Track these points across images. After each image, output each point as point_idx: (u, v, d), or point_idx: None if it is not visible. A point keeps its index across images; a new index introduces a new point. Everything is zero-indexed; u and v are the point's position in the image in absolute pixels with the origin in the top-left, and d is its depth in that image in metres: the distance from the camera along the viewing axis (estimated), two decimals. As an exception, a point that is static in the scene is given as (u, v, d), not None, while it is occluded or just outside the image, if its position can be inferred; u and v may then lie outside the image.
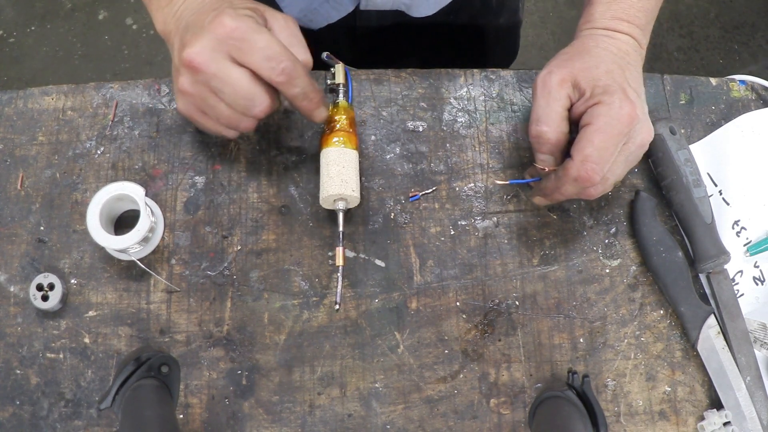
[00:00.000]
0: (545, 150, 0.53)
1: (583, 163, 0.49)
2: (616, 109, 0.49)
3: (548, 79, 0.52)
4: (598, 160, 0.49)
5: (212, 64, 0.46)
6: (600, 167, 0.49)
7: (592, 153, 0.49)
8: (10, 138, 0.59)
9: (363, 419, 0.55)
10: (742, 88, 0.64)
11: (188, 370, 0.55)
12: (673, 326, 0.58)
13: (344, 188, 0.54)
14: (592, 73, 0.51)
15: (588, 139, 0.49)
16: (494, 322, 0.57)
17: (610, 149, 0.49)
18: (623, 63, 0.52)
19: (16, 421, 0.53)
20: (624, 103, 0.49)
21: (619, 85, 0.50)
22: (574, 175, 0.50)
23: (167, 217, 0.58)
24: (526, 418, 0.54)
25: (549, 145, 0.52)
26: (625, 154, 0.51)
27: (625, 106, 0.49)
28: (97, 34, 1.71)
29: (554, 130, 0.52)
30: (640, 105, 0.50)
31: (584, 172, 0.49)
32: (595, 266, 0.59)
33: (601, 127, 0.49)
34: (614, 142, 0.49)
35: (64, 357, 0.54)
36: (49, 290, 0.54)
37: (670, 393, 0.56)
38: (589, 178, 0.49)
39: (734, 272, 0.59)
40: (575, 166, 0.50)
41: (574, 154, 0.50)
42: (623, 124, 0.49)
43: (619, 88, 0.50)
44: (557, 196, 0.53)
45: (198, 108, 0.50)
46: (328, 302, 0.56)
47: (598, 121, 0.49)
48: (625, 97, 0.49)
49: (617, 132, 0.49)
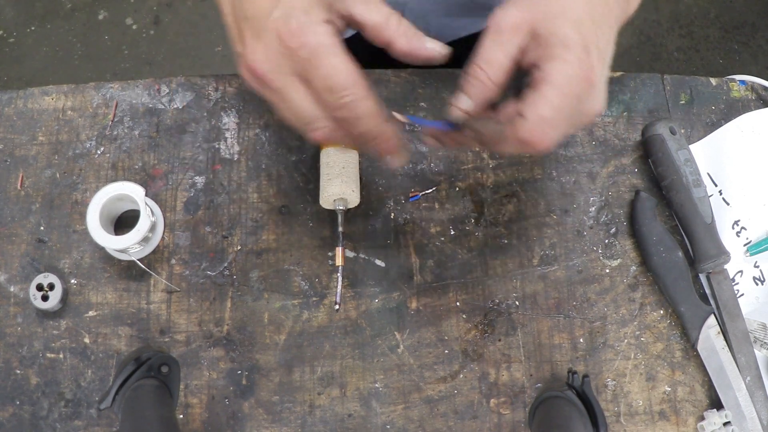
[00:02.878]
0: (472, 93, 0.44)
1: (538, 126, 0.41)
2: (574, 67, 0.41)
3: (503, 20, 0.43)
4: (555, 124, 0.42)
5: (275, 78, 0.42)
6: (555, 132, 0.42)
7: (550, 114, 0.41)
8: (10, 138, 0.59)
9: (363, 419, 0.55)
10: (742, 88, 0.64)
11: (188, 370, 0.55)
12: (673, 326, 0.58)
13: (344, 188, 0.54)
14: (556, 22, 0.42)
15: (545, 97, 0.41)
16: (494, 322, 0.57)
17: (565, 111, 0.42)
18: (599, 15, 0.44)
19: (16, 421, 0.53)
20: (583, 64, 0.41)
21: (583, 42, 0.42)
22: (525, 137, 0.42)
23: (167, 217, 0.58)
24: (526, 418, 0.54)
25: (478, 89, 0.44)
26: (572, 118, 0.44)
27: (584, 67, 0.41)
28: (97, 34, 1.71)
29: (491, 78, 0.43)
30: (600, 71, 0.43)
31: (537, 135, 0.41)
32: (595, 266, 0.59)
33: (558, 86, 0.41)
34: (570, 104, 0.42)
35: (64, 357, 0.54)
36: (49, 290, 0.54)
37: (670, 393, 0.56)
38: (541, 143, 0.42)
39: (734, 272, 0.59)
40: (528, 128, 0.41)
41: (528, 113, 0.41)
42: (580, 86, 0.42)
43: (581, 45, 0.41)
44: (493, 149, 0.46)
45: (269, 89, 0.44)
46: (328, 302, 0.57)
47: (556, 78, 0.41)
48: (586, 57, 0.42)
49: (574, 93, 0.42)
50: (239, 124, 0.60)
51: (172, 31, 1.72)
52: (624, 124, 0.62)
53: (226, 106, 0.60)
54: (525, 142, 0.42)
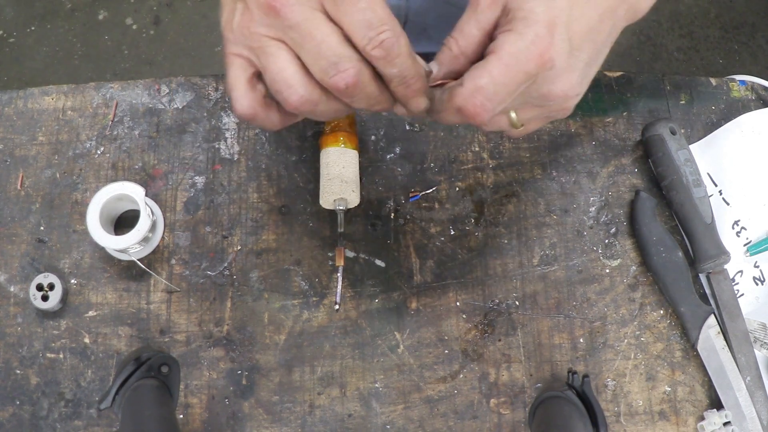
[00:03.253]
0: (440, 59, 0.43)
1: (473, 95, 0.39)
2: (527, 42, 0.39)
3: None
4: (492, 96, 0.39)
5: (299, 11, 0.37)
6: (492, 104, 0.40)
7: (487, 85, 0.39)
8: (10, 138, 0.59)
9: (363, 419, 0.55)
10: (742, 88, 0.64)
11: (188, 370, 0.55)
12: (673, 326, 0.58)
13: (344, 188, 0.54)
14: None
15: (486, 68, 0.39)
16: (494, 322, 0.57)
17: (510, 87, 0.40)
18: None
19: (16, 421, 0.53)
20: (539, 40, 0.39)
21: (548, 19, 0.39)
22: (460, 104, 0.40)
23: (167, 217, 0.58)
24: (526, 418, 0.54)
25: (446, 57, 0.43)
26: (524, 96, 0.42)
27: (540, 43, 0.39)
28: (97, 34, 1.71)
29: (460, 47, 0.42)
30: (565, 51, 0.40)
31: (472, 105, 0.40)
32: (595, 266, 0.59)
33: (503, 59, 0.39)
34: (516, 80, 0.39)
35: (64, 357, 0.54)
36: (49, 290, 0.54)
37: (670, 393, 0.56)
38: (476, 113, 0.40)
39: (734, 272, 0.59)
40: (463, 96, 0.40)
41: (466, 81, 0.40)
42: (530, 63, 0.39)
43: (545, 22, 0.39)
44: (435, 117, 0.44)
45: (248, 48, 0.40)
46: (328, 302, 0.57)
47: (502, 50, 0.39)
48: (547, 34, 0.39)
49: (522, 69, 0.39)
50: (239, 124, 0.60)
51: (172, 31, 1.72)
52: (624, 124, 0.62)
53: (226, 106, 0.60)
54: (459, 109, 0.40)
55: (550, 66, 0.39)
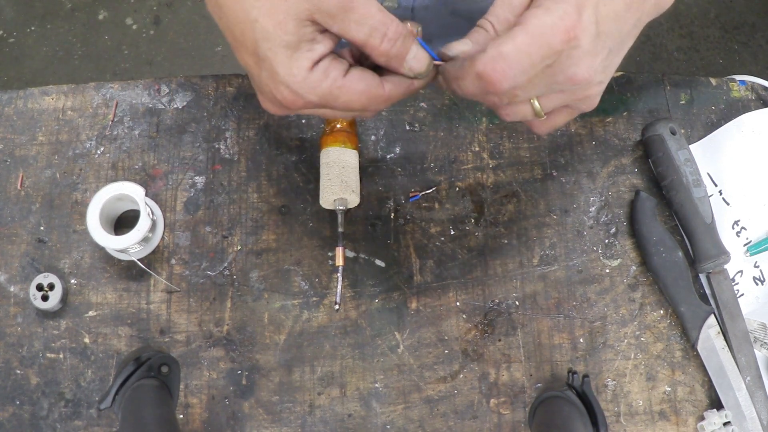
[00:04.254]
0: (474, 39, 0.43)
1: (494, 60, 0.39)
2: (555, 18, 0.39)
3: None
4: (513, 64, 0.39)
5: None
6: (512, 72, 0.39)
7: (509, 52, 0.39)
8: (10, 138, 0.59)
9: (363, 419, 0.55)
10: (742, 88, 0.64)
11: (188, 370, 0.55)
12: (673, 326, 0.58)
13: (344, 188, 0.54)
14: None
15: (510, 36, 0.39)
16: (494, 322, 0.57)
17: (533, 59, 0.39)
18: None
19: (16, 421, 0.53)
20: (567, 16, 0.39)
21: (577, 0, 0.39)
22: (480, 69, 0.40)
23: (167, 217, 0.58)
24: (526, 418, 0.54)
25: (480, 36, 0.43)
26: (549, 80, 0.42)
27: (567, 20, 0.39)
28: (97, 34, 1.71)
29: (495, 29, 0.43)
30: (592, 33, 0.40)
31: (492, 70, 0.39)
32: (595, 266, 0.59)
33: (529, 30, 0.39)
34: (540, 53, 0.39)
35: (64, 357, 0.54)
36: (49, 290, 0.54)
37: (670, 393, 0.56)
38: (495, 80, 0.40)
39: (734, 272, 0.59)
40: (483, 61, 0.40)
41: (489, 48, 0.40)
42: (556, 37, 0.39)
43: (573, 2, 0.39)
44: (454, 87, 0.44)
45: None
46: (328, 302, 0.57)
47: (529, 22, 0.39)
48: (574, 12, 0.39)
49: (546, 43, 0.39)
50: (239, 124, 0.60)
51: (172, 31, 1.72)
52: (624, 124, 0.62)
53: (226, 106, 0.60)
54: (479, 75, 0.40)
55: (576, 44, 0.39)
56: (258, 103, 0.60)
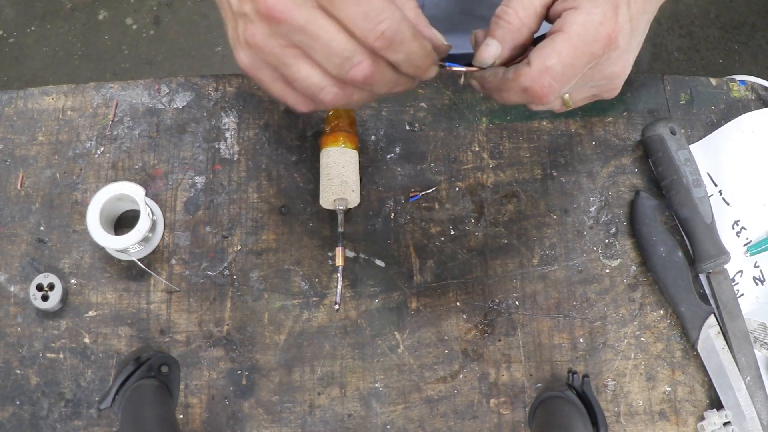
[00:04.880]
0: (498, 35, 0.42)
1: (542, 75, 0.39)
2: (596, 23, 0.39)
3: None
4: (560, 77, 0.39)
5: (299, 13, 0.36)
6: (560, 85, 0.40)
7: (555, 66, 0.39)
8: (10, 138, 0.59)
9: (363, 419, 0.55)
10: (742, 88, 0.64)
11: (188, 370, 0.55)
12: (673, 326, 0.58)
13: (344, 188, 0.54)
14: None
15: (555, 48, 0.39)
16: (494, 322, 0.57)
17: (577, 67, 0.40)
18: None
19: (16, 421, 0.53)
20: (607, 20, 0.39)
21: None
22: (526, 85, 0.40)
23: (167, 217, 0.58)
24: (526, 418, 0.54)
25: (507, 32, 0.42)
26: (587, 79, 0.42)
27: (608, 24, 0.39)
28: (97, 34, 1.71)
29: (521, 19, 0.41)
30: (627, 32, 0.40)
31: (539, 86, 0.39)
32: (595, 266, 0.59)
33: (572, 38, 0.39)
34: (584, 60, 0.40)
35: (64, 357, 0.54)
36: (49, 290, 0.54)
37: (670, 393, 0.56)
38: (543, 95, 0.40)
39: (734, 272, 0.59)
40: (531, 76, 0.40)
41: (534, 61, 0.40)
42: (599, 43, 0.39)
43: (610, 2, 0.39)
44: (495, 96, 0.44)
45: (269, 65, 0.40)
46: (328, 302, 0.57)
47: (571, 29, 0.39)
48: (613, 14, 0.39)
49: (590, 50, 0.39)
50: (239, 124, 0.60)
51: (172, 31, 1.72)
52: (624, 124, 0.62)
53: (226, 106, 0.60)
54: (526, 90, 0.40)
55: (615, 47, 0.40)
56: (258, 103, 0.61)
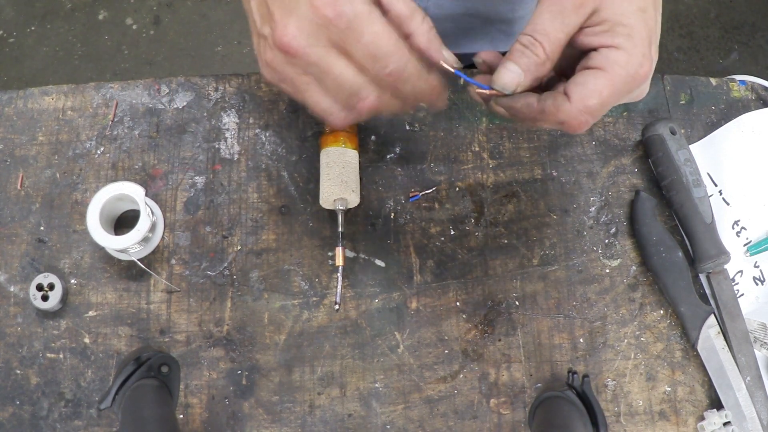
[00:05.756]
0: (524, 64, 0.42)
1: (581, 114, 0.41)
2: (636, 64, 0.41)
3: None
4: (598, 114, 0.42)
5: (312, 52, 0.39)
6: (594, 119, 0.42)
7: (596, 106, 0.41)
8: (10, 138, 0.59)
9: (363, 419, 0.55)
10: (742, 88, 0.64)
11: (188, 370, 0.55)
12: (673, 326, 0.58)
13: (344, 188, 0.54)
14: (622, 5, 0.41)
15: (596, 88, 0.41)
16: (494, 322, 0.57)
17: (612, 104, 0.42)
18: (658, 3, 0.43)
19: (16, 421, 0.53)
20: (645, 60, 0.41)
21: (647, 34, 0.41)
22: (564, 119, 0.42)
23: (167, 217, 0.58)
24: (526, 418, 0.54)
25: (532, 62, 0.42)
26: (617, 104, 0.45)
27: (646, 65, 0.41)
28: (97, 34, 1.71)
29: (546, 51, 0.42)
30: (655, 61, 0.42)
31: (577, 122, 0.41)
32: (595, 266, 0.59)
33: (614, 81, 0.41)
34: (620, 97, 0.42)
35: (64, 357, 0.54)
36: (49, 290, 0.54)
37: (670, 393, 0.56)
38: (579, 128, 0.42)
39: (734, 272, 0.59)
40: (571, 113, 0.41)
41: (575, 99, 0.41)
42: (636, 82, 0.41)
43: (646, 39, 0.41)
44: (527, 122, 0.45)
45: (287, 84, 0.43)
46: (328, 302, 0.57)
47: (613, 71, 0.41)
48: (648, 51, 0.41)
49: (627, 90, 0.42)
50: (239, 124, 0.60)
51: (172, 31, 1.72)
52: (624, 124, 0.62)
53: (226, 106, 0.61)
54: (563, 123, 0.42)
55: (647, 79, 0.42)
56: (258, 103, 0.61)
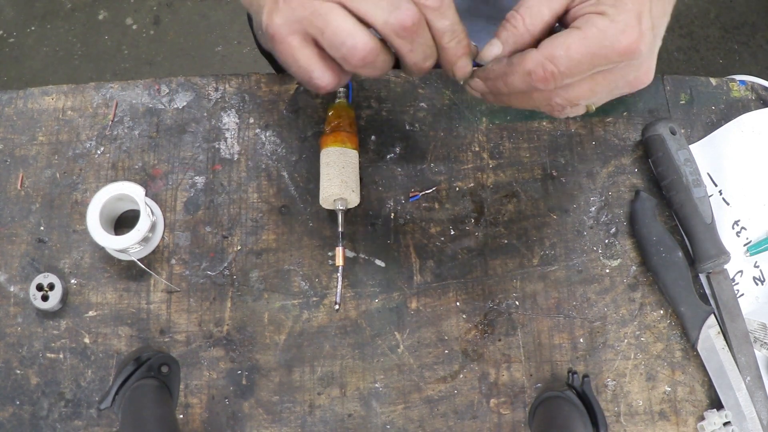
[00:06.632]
0: (502, 36, 0.43)
1: (545, 62, 0.40)
2: (617, 30, 0.39)
3: None
4: (564, 70, 0.40)
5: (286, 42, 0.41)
6: (561, 77, 0.40)
7: (561, 58, 0.40)
8: (10, 138, 0.59)
9: (363, 419, 0.55)
10: (742, 88, 0.64)
11: (188, 370, 0.55)
12: (673, 326, 0.58)
13: (344, 188, 0.54)
14: None
15: (566, 43, 0.40)
16: (494, 322, 0.57)
17: (584, 66, 0.40)
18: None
19: (16, 421, 0.53)
20: (630, 29, 0.39)
21: (637, 7, 0.40)
22: (530, 68, 0.41)
23: (167, 217, 0.58)
24: (526, 418, 0.54)
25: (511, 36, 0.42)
26: (607, 82, 0.43)
27: (630, 34, 0.39)
28: (97, 34, 1.71)
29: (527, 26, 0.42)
30: (649, 41, 0.41)
31: (542, 70, 0.40)
32: (595, 266, 0.59)
33: (588, 39, 0.39)
34: (594, 62, 0.40)
35: (64, 357, 0.54)
36: (49, 290, 0.54)
37: (670, 393, 0.56)
38: (544, 79, 0.40)
39: (734, 272, 0.59)
40: (534, 60, 0.41)
41: (542, 47, 0.41)
42: (615, 51, 0.40)
43: (634, 10, 0.40)
44: (499, 84, 0.44)
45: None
46: (328, 302, 0.57)
47: (588, 30, 0.40)
48: (636, 23, 0.39)
49: (603, 55, 0.40)
50: (239, 124, 0.60)
51: (172, 31, 1.72)
52: (624, 124, 0.62)
53: (226, 106, 0.61)
54: (529, 72, 0.41)
55: (638, 54, 0.40)
56: (258, 103, 0.60)
